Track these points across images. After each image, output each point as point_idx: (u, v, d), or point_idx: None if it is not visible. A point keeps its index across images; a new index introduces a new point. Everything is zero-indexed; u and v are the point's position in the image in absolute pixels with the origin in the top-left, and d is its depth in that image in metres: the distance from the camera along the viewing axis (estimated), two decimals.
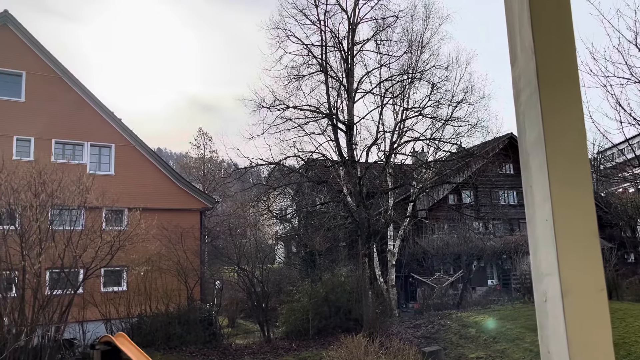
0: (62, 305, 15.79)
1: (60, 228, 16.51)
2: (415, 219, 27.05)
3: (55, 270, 16.42)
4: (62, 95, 21.32)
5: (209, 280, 23.47)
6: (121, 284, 20.01)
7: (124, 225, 19.09)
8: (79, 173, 17.33)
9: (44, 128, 20.51)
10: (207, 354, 16.82)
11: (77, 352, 16.14)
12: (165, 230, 19.80)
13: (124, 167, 22.18)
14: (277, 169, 25.33)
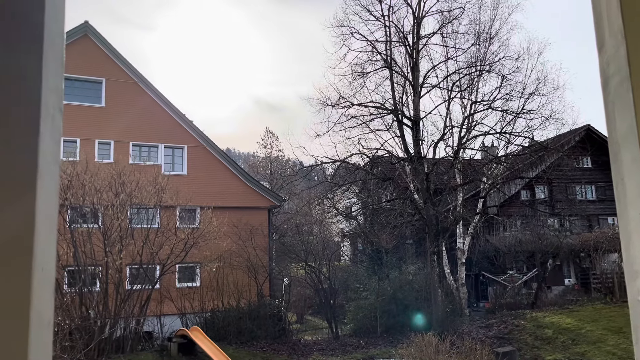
0: (142, 300, 16.64)
1: (138, 226, 17.41)
2: (486, 216, 26.23)
3: (135, 266, 17.33)
4: (138, 100, 22.44)
5: (278, 277, 23.92)
6: (195, 280, 20.79)
7: (196, 223, 19.83)
8: (155, 174, 18.20)
9: (122, 131, 21.69)
10: (277, 349, 17.15)
11: (156, 344, 16.94)
12: (236, 227, 20.38)
13: (196, 168, 23.01)
14: (342, 167, 25.36)
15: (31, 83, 0.98)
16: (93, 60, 21.63)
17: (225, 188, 22.91)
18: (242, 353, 15.99)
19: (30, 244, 0.92)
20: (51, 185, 1.01)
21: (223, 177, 23.47)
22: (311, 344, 18.66)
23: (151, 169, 19.04)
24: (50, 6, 1.01)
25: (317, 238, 24.74)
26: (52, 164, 1.02)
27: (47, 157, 1.00)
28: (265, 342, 17.63)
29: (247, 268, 20.36)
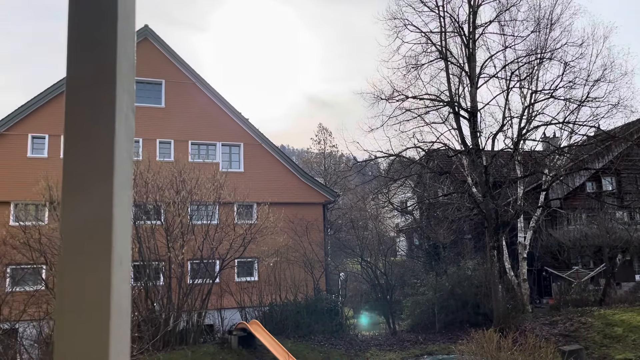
0: (203, 294, 17.16)
1: (198, 222, 17.95)
2: (548, 209, 25.23)
3: (196, 261, 17.90)
4: (196, 100, 23.08)
5: (334, 272, 24.01)
6: (253, 274, 21.21)
7: (253, 219, 20.22)
8: (213, 171, 18.70)
9: (181, 131, 22.39)
10: (334, 344, 17.24)
11: (217, 337, 17.43)
12: (292, 223, 20.62)
13: (252, 164, 23.44)
14: (397, 161, 25.09)
15: (106, 84, 1.02)
16: (153, 63, 22.40)
17: (280, 184, 23.21)
18: (300, 347, 16.17)
19: (109, 240, 0.96)
20: (126, 182, 1.05)
21: (278, 173, 23.78)
22: (368, 339, 18.63)
23: (210, 167, 19.56)
24: (122, 10, 1.05)
25: (372, 233, 24.63)
26: (126, 161, 1.06)
27: (122, 154, 1.04)
28: (323, 337, 17.76)
29: (303, 263, 20.57)
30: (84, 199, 0.98)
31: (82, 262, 0.96)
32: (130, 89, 1.11)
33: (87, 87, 1.02)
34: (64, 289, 0.95)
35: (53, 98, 21.16)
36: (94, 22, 1.03)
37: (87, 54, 1.02)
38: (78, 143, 1.01)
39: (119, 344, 0.96)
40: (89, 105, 1.02)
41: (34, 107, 21.02)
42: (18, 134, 20.70)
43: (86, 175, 0.99)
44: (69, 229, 0.97)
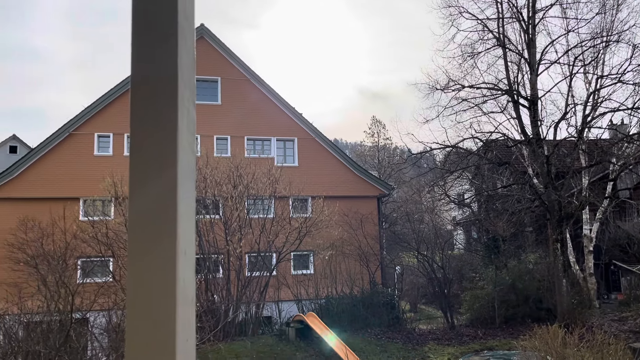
0: (260, 286, 17.51)
1: (255, 216, 18.30)
2: (617, 200, 23.97)
3: (253, 254, 18.26)
4: (251, 96, 23.48)
5: (389, 265, 23.85)
6: (309, 267, 21.42)
7: (308, 213, 20.39)
8: (269, 166, 18.99)
9: (237, 127, 22.85)
10: (391, 337, 17.15)
11: (275, 329, 17.73)
12: (346, 216, 20.64)
13: (306, 159, 23.61)
14: (453, 152, 24.55)
15: (169, 79, 1.05)
16: (209, 61, 22.96)
17: (334, 178, 23.27)
18: (357, 339, 16.20)
19: (174, 230, 0.99)
20: (189, 173, 1.08)
21: (332, 167, 23.84)
22: (426, 333, 18.41)
23: (265, 162, 19.87)
24: (182, 9, 1.07)
25: (428, 226, 24.27)
26: (189, 154, 1.09)
27: (185, 147, 1.06)
28: (379, 330, 17.71)
29: (358, 256, 20.56)
30: (149, 190, 1.01)
31: (149, 252, 0.99)
32: (191, 84, 1.14)
33: (150, 83, 1.05)
34: (134, 278, 0.99)
35: (116, 99, 22.13)
36: (156, 21, 1.06)
37: (150, 50, 1.06)
38: (143, 137, 1.04)
39: (185, 332, 0.99)
40: (152, 101, 1.05)
41: (98, 108, 22.06)
42: (85, 134, 21.79)
43: (151, 167, 1.02)
44: (136, 219, 1.01)
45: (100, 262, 16.38)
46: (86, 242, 15.33)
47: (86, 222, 17.29)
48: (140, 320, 0.98)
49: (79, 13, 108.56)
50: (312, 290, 19.47)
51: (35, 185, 20.75)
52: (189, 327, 1.02)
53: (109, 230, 15.45)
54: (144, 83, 1.07)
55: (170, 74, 1.06)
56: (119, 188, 16.11)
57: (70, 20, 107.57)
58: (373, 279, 20.75)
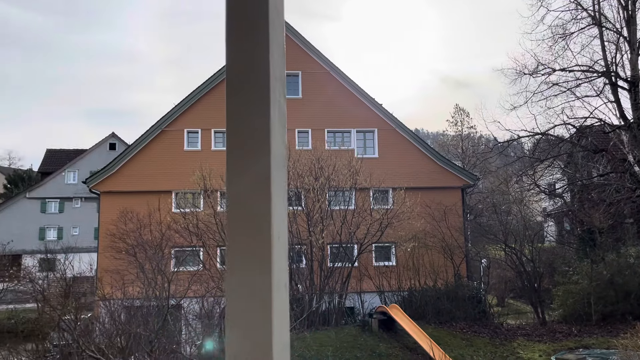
0: (343, 277, 17.67)
1: (336, 208, 18.45)
2: None
3: (335, 245, 18.44)
4: (331, 89, 23.63)
5: (475, 258, 23.15)
6: (390, 259, 21.29)
7: (389, 204, 20.24)
8: (349, 157, 19.05)
9: (318, 119, 23.11)
10: (477, 331, 16.68)
11: (358, 320, 17.84)
12: (429, 208, 20.27)
13: (387, 150, 23.42)
14: (543, 140, 23.34)
15: (261, 73, 1.09)
16: (290, 55, 23.34)
17: (416, 168, 22.90)
18: (441, 333, 15.92)
19: (268, 217, 1.03)
20: (281, 164, 1.12)
21: (413, 157, 23.47)
22: (514, 329, 17.72)
23: (345, 154, 19.95)
24: (273, 2, 1.11)
25: (516, 218, 23.26)
26: (280, 146, 1.13)
27: (277, 139, 1.10)
28: (465, 324, 17.28)
29: (442, 248, 20.14)
30: (245, 179, 1.06)
31: (246, 238, 1.04)
32: (282, 77, 1.17)
33: (244, 78, 1.10)
34: (232, 262, 1.04)
35: (203, 96, 23.17)
36: (249, 17, 1.10)
37: (243, 46, 1.10)
38: (238, 130, 1.09)
39: (281, 317, 1.03)
40: (246, 95, 1.10)
41: (187, 105, 23.21)
42: (176, 130, 23.02)
43: (246, 158, 1.07)
44: (233, 206, 1.06)
45: (191, 251, 17.30)
46: (179, 233, 16.23)
47: (178, 214, 18.31)
48: (238, 305, 1.03)
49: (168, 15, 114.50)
50: (394, 282, 19.35)
51: (132, 179, 22.24)
52: (283, 313, 1.06)
53: (199, 222, 16.25)
54: (238, 78, 1.12)
55: (263, 68, 1.10)
56: (207, 181, 16.88)
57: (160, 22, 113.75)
58: (457, 271, 20.25)
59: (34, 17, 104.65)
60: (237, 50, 1.10)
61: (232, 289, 1.03)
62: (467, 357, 14.25)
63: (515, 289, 22.70)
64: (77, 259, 18.50)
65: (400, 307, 16.63)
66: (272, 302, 1.00)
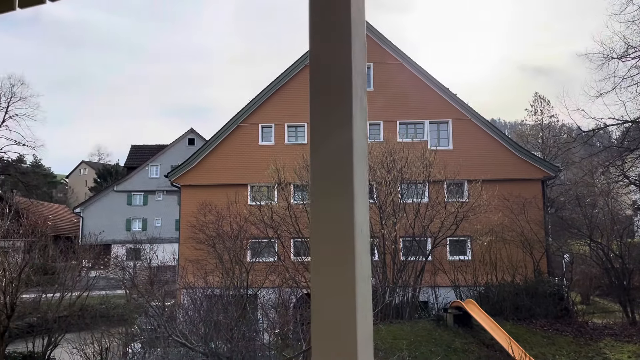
0: (416, 270, 17.46)
1: (409, 201, 18.23)
2: None
3: (408, 239, 18.24)
4: (403, 79, 23.29)
5: (556, 253, 22.06)
6: (466, 253, 20.75)
7: (465, 197, 19.71)
8: (422, 149, 18.73)
9: (389, 111, 22.87)
10: (559, 330, 15.92)
11: (432, 314, 17.58)
12: (507, 200, 19.54)
13: (462, 141, 22.78)
14: (633, 128, 21.78)
15: (343, 67, 1.11)
16: None
17: (493, 160, 22.12)
18: (520, 330, 15.35)
19: (351, 211, 1.05)
20: (362, 158, 1.13)
21: (490, 148, 22.68)
22: (601, 328, 16.74)
23: (418, 146, 19.63)
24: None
25: (603, 211, 21.89)
26: (362, 139, 1.14)
27: (358, 132, 1.12)
28: (546, 321, 16.54)
29: (520, 243, 19.37)
30: (329, 171, 1.09)
31: (330, 232, 1.07)
32: (363, 71, 1.19)
33: (326, 73, 1.13)
34: (317, 256, 1.08)
35: (275, 92, 23.64)
36: (331, 13, 1.12)
37: (326, 42, 1.13)
38: (321, 124, 1.12)
39: (364, 308, 1.05)
40: (328, 90, 1.12)
41: (261, 101, 23.77)
42: (250, 125, 23.66)
43: (329, 152, 1.10)
44: (317, 198, 1.10)
45: (266, 243, 17.76)
46: (254, 225, 16.70)
47: (253, 206, 18.84)
48: (323, 296, 1.06)
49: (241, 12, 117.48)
50: (469, 277, 18.85)
51: (210, 173, 23.14)
52: (366, 304, 1.08)
53: (273, 214, 16.63)
54: (320, 74, 1.15)
55: (345, 64, 1.12)
56: (281, 175, 17.22)
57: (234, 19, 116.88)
58: (537, 267, 19.40)
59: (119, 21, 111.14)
60: (320, 46, 1.13)
61: (317, 280, 1.06)
62: (549, 355, 13.67)
63: (601, 286, 21.41)
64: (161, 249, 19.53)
65: (476, 302, 16.20)
66: (356, 294, 1.03)
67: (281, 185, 17.83)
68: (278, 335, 8.88)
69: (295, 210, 17.41)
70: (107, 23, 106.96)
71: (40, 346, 14.87)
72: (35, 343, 15.14)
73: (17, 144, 40.91)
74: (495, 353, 13.69)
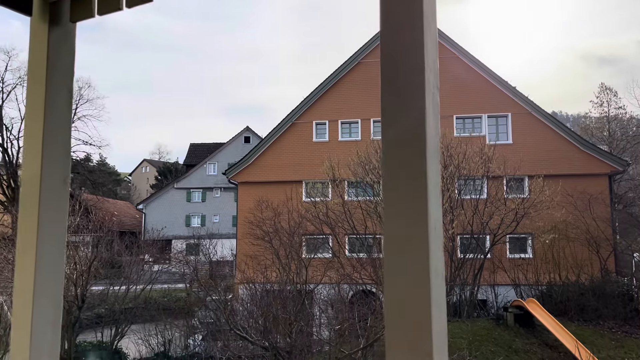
0: (475, 268, 17.07)
1: (467, 197, 17.82)
2: None
3: (465, 236, 17.84)
4: (459, 73, 22.75)
5: (625, 252, 20.96)
6: (526, 251, 20.10)
7: (526, 193, 19.07)
8: (480, 144, 18.26)
9: (446, 105, 22.41)
10: (629, 332, 15.14)
11: (491, 313, 17.14)
12: (570, 197, 18.76)
13: (522, 135, 22.04)
14: None
15: (415, 63, 1.10)
16: None
17: (555, 154, 21.26)
18: (586, 332, 14.71)
19: (425, 207, 1.05)
20: (435, 155, 1.12)
21: (552, 142, 21.81)
22: None
23: (476, 141, 19.14)
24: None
25: None
26: (435, 136, 1.13)
27: (431, 129, 1.11)
28: (614, 323, 15.76)
29: (586, 241, 18.54)
30: (401, 171, 1.09)
31: (403, 228, 1.06)
32: (435, 67, 1.18)
33: (398, 69, 1.12)
34: (390, 251, 1.07)
35: (329, 89, 23.71)
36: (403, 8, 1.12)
37: (397, 37, 1.12)
38: (392, 122, 1.12)
39: (438, 303, 1.04)
40: (400, 87, 1.12)
41: (315, 98, 23.91)
42: (305, 122, 23.85)
43: (402, 149, 1.09)
44: (390, 199, 1.09)
45: (321, 239, 17.87)
46: (310, 221, 16.84)
47: (308, 203, 19.00)
48: (397, 293, 1.06)
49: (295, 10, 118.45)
50: (531, 276, 18.24)
51: (266, 170, 23.53)
52: (441, 300, 1.07)
53: (328, 210, 16.70)
54: (392, 70, 1.15)
55: (417, 60, 1.11)
56: (336, 171, 17.26)
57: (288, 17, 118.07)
58: (605, 266, 18.51)
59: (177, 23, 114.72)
60: (392, 41, 1.13)
61: (391, 277, 1.06)
62: (618, 359, 13.03)
63: None
64: (220, 245, 20.06)
65: (538, 301, 15.65)
66: (431, 291, 1.02)
67: (335, 182, 17.87)
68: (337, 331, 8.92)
69: (349, 206, 17.41)
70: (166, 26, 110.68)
71: (108, 336, 15.63)
72: (103, 333, 15.93)
73: (85, 143, 43.10)
74: (560, 355, 13.20)
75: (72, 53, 1.64)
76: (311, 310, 10.84)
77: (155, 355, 14.85)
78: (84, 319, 15.98)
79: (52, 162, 1.57)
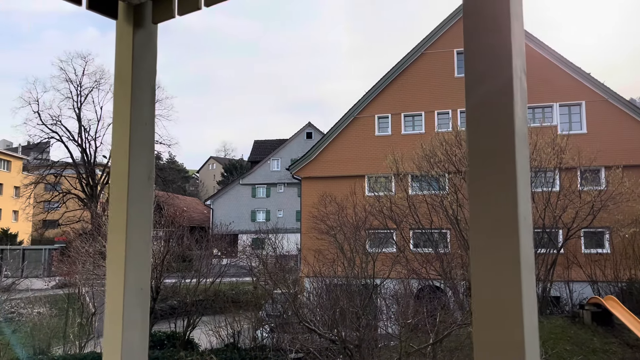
0: (547, 264, 16.37)
1: (538, 190, 17.11)
2: None
3: (537, 230, 17.14)
4: (527, 59, 21.77)
5: None
6: (604, 246, 19.05)
7: (602, 185, 18.06)
8: (552, 135, 17.46)
9: None
10: None
11: (566, 310, 16.41)
12: None
13: (597, 124, 20.87)
14: None
15: (502, 46, 1.07)
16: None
17: (635, 143, 19.98)
18: None
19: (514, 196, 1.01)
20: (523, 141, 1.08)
21: (631, 131, 20.51)
22: None
23: (547, 131, 18.31)
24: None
25: None
26: (523, 122, 1.09)
27: (519, 114, 1.07)
28: None
29: None
30: (489, 162, 1.06)
31: (492, 220, 1.03)
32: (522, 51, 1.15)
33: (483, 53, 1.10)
34: (478, 243, 1.05)
35: (391, 82, 23.44)
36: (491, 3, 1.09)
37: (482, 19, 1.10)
38: (479, 109, 1.09)
39: (529, 297, 1.01)
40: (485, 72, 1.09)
41: (377, 92, 23.72)
42: (367, 116, 23.72)
43: (489, 140, 1.06)
44: (477, 190, 1.06)
45: (385, 234, 17.76)
46: (374, 215, 16.77)
47: (371, 197, 18.91)
48: (487, 287, 1.03)
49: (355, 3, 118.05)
50: (609, 272, 17.28)
51: (328, 165, 23.63)
52: (531, 294, 1.04)
53: (392, 205, 16.56)
54: (478, 56, 1.12)
55: (504, 42, 1.09)
56: (399, 165, 17.07)
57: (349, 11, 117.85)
58: None
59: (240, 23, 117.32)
60: (476, 26, 1.10)
61: (479, 271, 1.03)
62: None
63: None
64: (285, 239, 20.37)
65: (618, 299, 14.80)
66: (522, 284, 0.99)
67: (399, 176, 17.67)
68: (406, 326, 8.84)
69: (414, 200, 17.17)
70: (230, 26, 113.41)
71: (181, 327, 16.29)
72: (176, 324, 16.63)
73: (156, 142, 44.97)
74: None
75: (155, 53, 1.71)
76: (378, 304, 10.80)
77: (225, 347, 15.32)
78: (158, 310, 16.73)
79: (138, 159, 1.65)
